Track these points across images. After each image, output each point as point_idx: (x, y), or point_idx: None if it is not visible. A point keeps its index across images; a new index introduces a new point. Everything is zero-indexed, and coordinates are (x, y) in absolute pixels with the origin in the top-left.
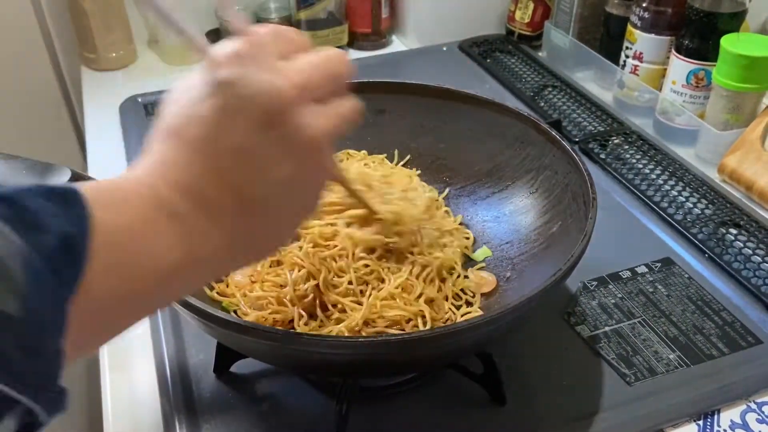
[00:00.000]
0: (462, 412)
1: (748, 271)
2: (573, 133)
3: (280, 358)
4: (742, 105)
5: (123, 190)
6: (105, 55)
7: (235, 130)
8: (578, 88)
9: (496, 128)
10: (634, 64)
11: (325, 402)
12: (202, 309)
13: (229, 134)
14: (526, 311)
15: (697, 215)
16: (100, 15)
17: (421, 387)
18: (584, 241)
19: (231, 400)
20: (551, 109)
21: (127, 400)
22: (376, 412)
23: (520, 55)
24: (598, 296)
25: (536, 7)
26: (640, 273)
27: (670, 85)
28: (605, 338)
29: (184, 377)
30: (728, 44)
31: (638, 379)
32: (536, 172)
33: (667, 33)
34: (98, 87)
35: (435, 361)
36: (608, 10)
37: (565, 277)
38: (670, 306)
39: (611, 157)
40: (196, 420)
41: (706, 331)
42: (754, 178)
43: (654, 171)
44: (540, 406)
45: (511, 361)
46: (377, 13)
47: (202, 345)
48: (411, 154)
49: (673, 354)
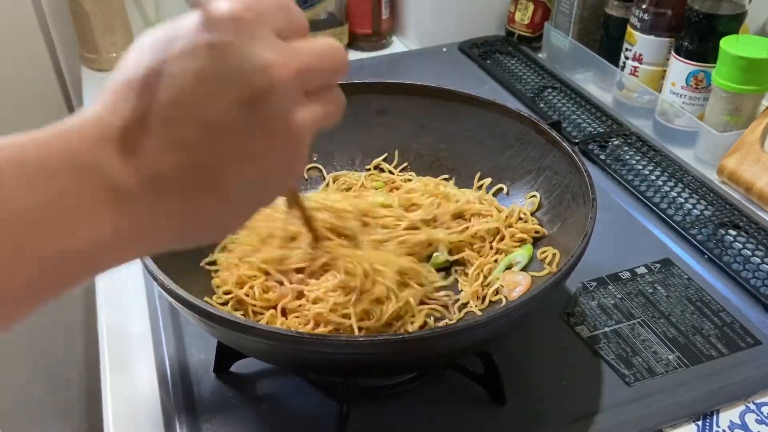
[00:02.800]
0: (462, 412)
1: (747, 272)
2: (573, 134)
3: (280, 358)
4: (741, 106)
5: (48, 156)
6: (106, 56)
7: (215, 101)
8: (578, 90)
9: (496, 129)
10: (633, 65)
11: (325, 402)
12: (202, 308)
13: (206, 104)
14: (525, 311)
15: (697, 216)
16: (101, 15)
17: (421, 387)
18: (584, 241)
19: (231, 400)
20: (551, 110)
21: (127, 400)
22: (376, 412)
23: (519, 56)
24: (597, 297)
25: (536, 8)
26: (640, 274)
27: (669, 87)
28: (605, 339)
29: (185, 377)
30: (728, 46)
31: (637, 379)
32: (536, 173)
33: (666, 34)
34: (99, 87)
35: (435, 361)
36: (608, 11)
37: (564, 278)
38: (669, 307)
39: (611, 158)
40: (196, 420)
41: (705, 332)
42: (754, 180)
43: (653, 172)
44: (540, 406)
45: (511, 361)
46: (377, 14)
47: (202, 345)
48: (412, 155)
49: (673, 354)
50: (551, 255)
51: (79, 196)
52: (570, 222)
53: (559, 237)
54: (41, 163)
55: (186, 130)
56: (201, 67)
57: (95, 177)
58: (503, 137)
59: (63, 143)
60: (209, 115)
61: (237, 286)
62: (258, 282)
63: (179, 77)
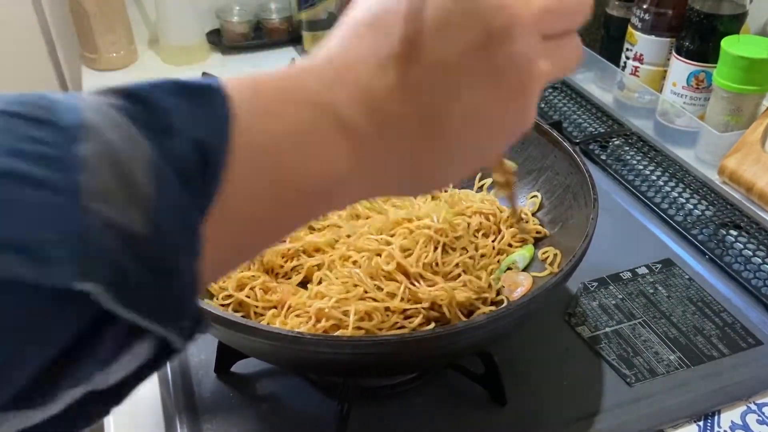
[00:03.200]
0: (462, 412)
1: (748, 272)
2: (573, 134)
3: (280, 358)
4: (742, 107)
5: (283, 90)
6: (106, 56)
7: (449, 41)
8: (579, 90)
9: None
10: (634, 65)
11: (326, 402)
12: (202, 309)
13: (440, 43)
14: (526, 312)
15: (698, 216)
16: (101, 15)
17: (422, 387)
18: (585, 242)
19: (232, 400)
20: (552, 110)
21: (127, 400)
22: (377, 412)
23: None
24: (598, 297)
25: None
26: (641, 274)
27: (670, 87)
28: (606, 339)
29: (185, 377)
30: (728, 46)
31: (639, 379)
32: (537, 173)
33: (667, 35)
34: (99, 87)
35: (435, 361)
36: (609, 11)
37: (565, 279)
38: (670, 307)
39: (612, 158)
40: (197, 420)
41: (706, 332)
42: (754, 180)
43: (654, 172)
44: (540, 407)
45: (512, 361)
46: None
47: (202, 345)
48: None
49: (674, 355)
50: (552, 255)
51: (318, 131)
52: (571, 222)
53: (561, 237)
54: (278, 94)
55: (417, 71)
56: (439, 4)
57: (331, 114)
58: None
59: (298, 81)
60: (442, 53)
61: (237, 289)
62: (258, 282)
63: (418, 17)
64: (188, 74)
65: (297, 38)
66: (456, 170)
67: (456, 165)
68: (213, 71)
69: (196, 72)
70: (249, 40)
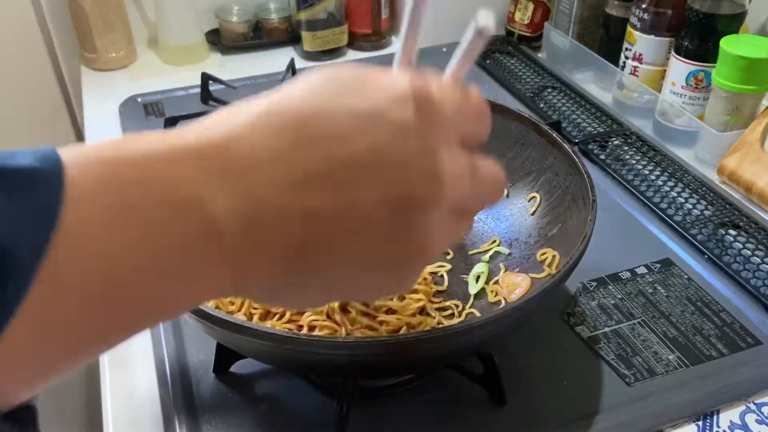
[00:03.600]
0: (462, 412)
1: (747, 272)
2: (572, 134)
3: (279, 359)
4: (741, 106)
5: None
6: (105, 55)
7: (371, 186)
8: (578, 89)
9: (497, 129)
10: (633, 65)
11: (325, 402)
12: (202, 309)
13: (361, 184)
14: (525, 312)
15: (697, 216)
16: (100, 15)
17: (421, 387)
18: (584, 243)
19: (231, 400)
20: (551, 110)
21: (127, 400)
22: (376, 412)
23: (519, 56)
24: (597, 297)
25: (536, 8)
26: (640, 274)
27: (669, 87)
28: (605, 339)
29: (184, 377)
30: (728, 46)
31: (638, 379)
32: (537, 174)
33: (666, 34)
34: (98, 87)
35: (435, 362)
36: (608, 11)
37: (564, 279)
38: (669, 307)
39: (611, 158)
40: (196, 420)
41: (705, 332)
42: (754, 180)
43: (653, 172)
44: (540, 407)
45: (511, 361)
46: (377, 14)
47: (202, 345)
48: None
49: (673, 355)
50: (551, 257)
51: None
52: (570, 224)
53: (559, 238)
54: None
55: (321, 202)
56: (376, 139)
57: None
58: (504, 138)
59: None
60: (355, 197)
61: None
62: None
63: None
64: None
65: (296, 38)
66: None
67: (315, 300)
68: (212, 71)
69: (195, 72)
70: (248, 40)
